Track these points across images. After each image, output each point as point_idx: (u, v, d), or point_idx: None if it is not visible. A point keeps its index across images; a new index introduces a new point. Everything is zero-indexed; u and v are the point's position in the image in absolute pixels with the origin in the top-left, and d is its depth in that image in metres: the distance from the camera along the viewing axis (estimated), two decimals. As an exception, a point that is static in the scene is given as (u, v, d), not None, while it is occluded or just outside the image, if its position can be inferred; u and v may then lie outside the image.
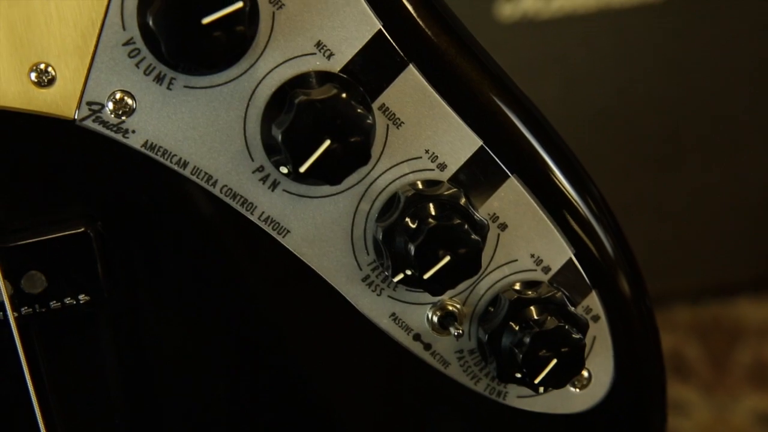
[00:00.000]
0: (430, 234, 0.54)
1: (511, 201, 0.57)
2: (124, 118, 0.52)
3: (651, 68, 1.36)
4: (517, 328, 0.57)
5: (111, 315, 0.56)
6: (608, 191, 0.62)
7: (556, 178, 0.58)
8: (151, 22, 0.50)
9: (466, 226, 0.54)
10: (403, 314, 0.58)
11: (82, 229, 0.53)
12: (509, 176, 0.57)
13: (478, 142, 0.56)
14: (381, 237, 0.55)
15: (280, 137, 0.52)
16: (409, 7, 0.54)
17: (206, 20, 0.49)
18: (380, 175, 0.55)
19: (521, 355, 0.57)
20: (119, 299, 0.56)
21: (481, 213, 0.57)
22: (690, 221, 1.46)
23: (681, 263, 1.48)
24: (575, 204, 0.58)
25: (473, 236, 0.54)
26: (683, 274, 1.49)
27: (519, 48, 1.32)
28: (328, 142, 0.51)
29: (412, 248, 0.54)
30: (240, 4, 0.49)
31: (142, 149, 0.53)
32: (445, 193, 0.55)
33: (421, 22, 0.54)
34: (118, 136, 0.53)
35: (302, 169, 0.52)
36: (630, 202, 1.42)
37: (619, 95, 1.37)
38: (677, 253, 1.47)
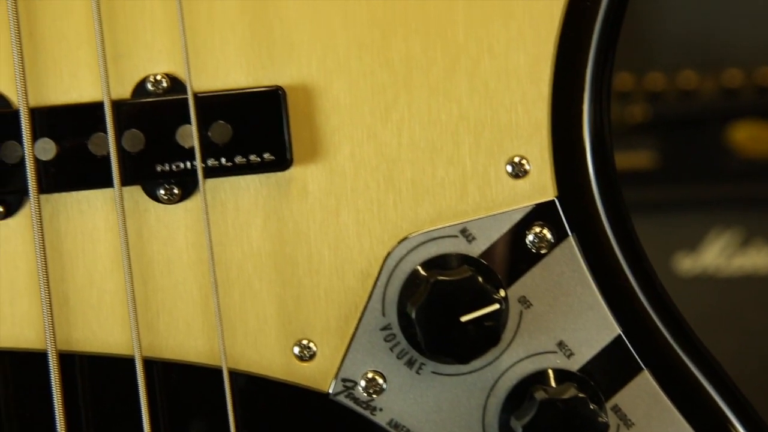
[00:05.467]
0: None
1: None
2: (374, 396, 0.56)
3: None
4: None
5: None
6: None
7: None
8: (412, 314, 0.54)
9: None
10: None
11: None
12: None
13: (701, 449, 0.58)
14: None
15: (520, 431, 0.54)
16: (649, 317, 0.57)
17: (465, 318, 0.53)
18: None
19: None
20: None
21: None
22: None
23: None
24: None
25: None
26: None
27: (696, 301, 1.33)
28: (565, 441, 0.54)
29: None
30: (497, 306, 0.54)
31: (387, 427, 0.57)
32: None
33: (658, 331, 0.57)
34: (366, 413, 0.56)
35: (539, 467, 0.54)
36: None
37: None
38: None
